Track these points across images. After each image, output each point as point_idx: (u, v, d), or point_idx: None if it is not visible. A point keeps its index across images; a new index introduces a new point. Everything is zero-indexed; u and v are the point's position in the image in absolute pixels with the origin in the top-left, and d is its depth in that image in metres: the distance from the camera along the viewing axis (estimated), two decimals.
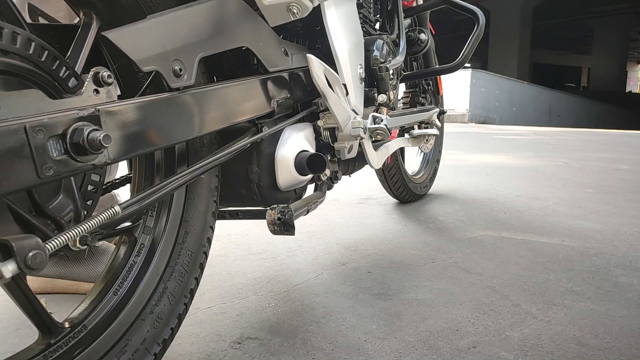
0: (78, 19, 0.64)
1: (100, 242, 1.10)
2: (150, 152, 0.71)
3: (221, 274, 1.24)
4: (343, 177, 1.13)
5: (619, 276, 1.23)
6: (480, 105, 11.09)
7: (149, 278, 0.70)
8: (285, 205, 0.80)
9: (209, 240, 0.80)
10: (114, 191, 1.04)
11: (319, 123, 0.99)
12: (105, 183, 0.82)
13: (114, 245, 1.05)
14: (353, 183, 2.45)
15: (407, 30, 1.57)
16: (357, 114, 1.06)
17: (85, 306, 0.65)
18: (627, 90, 25.96)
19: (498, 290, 1.13)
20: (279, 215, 0.79)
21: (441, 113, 1.85)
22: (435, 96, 1.97)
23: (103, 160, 0.53)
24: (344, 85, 1.01)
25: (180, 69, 0.65)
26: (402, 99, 1.88)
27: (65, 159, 0.49)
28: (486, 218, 1.79)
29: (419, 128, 1.44)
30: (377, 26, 1.40)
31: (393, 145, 1.28)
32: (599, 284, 1.17)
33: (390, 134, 1.09)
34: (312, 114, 0.98)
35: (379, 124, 1.06)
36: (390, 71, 1.19)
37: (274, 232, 0.80)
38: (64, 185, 0.58)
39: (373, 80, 1.16)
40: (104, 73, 0.57)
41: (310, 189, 1.03)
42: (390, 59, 1.22)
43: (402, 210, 1.92)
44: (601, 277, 1.22)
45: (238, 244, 1.49)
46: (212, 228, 0.81)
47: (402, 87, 1.88)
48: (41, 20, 0.82)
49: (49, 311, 0.59)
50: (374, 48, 1.15)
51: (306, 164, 0.88)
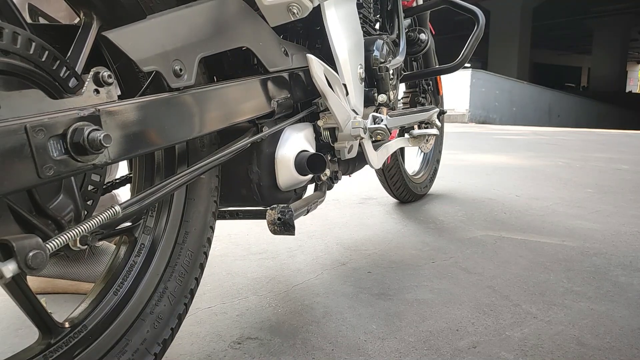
0: (78, 19, 0.64)
1: (101, 242, 1.10)
2: (150, 152, 0.71)
3: (221, 274, 1.24)
4: (343, 177, 1.13)
5: (619, 276, 1.23)
6: (480, 105, 11.09)
7: (149, 278, 0.70)
8: (285, 205, 0.80)
9: (209, 240, 0.80)
10: (114, 191, 1.04)
11: (319, 123, 0.99)
12: (105, 183, 0.82)
13: (114, 245, 1.05)
14: (353, 183, 2.45)
15: (407, 30, 1.57)
16: (357, 114, 1.06)
17: (86, 306, 0.65)
18: (627, 90, 25.96)
19: (498, 290, 1.13)
20: (279, 215, 0.79)
21: (441, 113, 1.85)
22: (435, 96, 1.97)
23: (103, 160, 0.53)
24: (344, 85, 1.01)
25: (181, 69, 0.65)
26: (402, 99, 1.89)
27: (65, 158, 0.49)
28: (486, 218, 1.79)
29: (419, 128, 1.45)
30: (377, 26, 1.40)
31: (393, 145, 1.28)
32: (599, 284, 1.17)
33: (390, 134, 1.09)
34: (312, 114, 0.98)
35: (379, 124, 1.06)
36: (390, 71, 1.19)
37: (274, 232, 0.80)
38: (64, 185, 0.58)
39: (373, 80, 1.16)
40: (104, 73, 0.57)
41: (310, 189, 1.03)
42: (390, 59, 1.22)
43: (402, 210, 1.92)
44: (601, 277, 1.22)
45: (238, 244, 1.49)
46: (212, 228, 0.81)
47: (402, 87, 1.89)
48: (41, 21, 0.82)
49: (49, 311, 0.59)
50: (374, 48, 1.15)
51: (306, 164, 0.88)
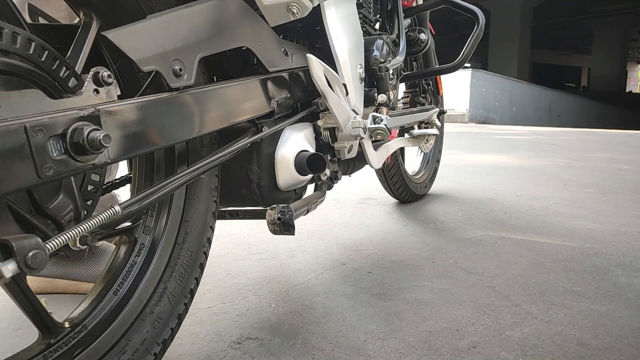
0: (78, 19, 0.64)
1: (100, 242, 1.10)
2: (150, 152, 0.71)
3: (221, 274, 1.24)
4: (343, 177, 1.13)
5: (619, 276, 1.23)
6: (481, 105, 11.09)
7: (149, 278, 0.70)
8: (285, 205, 0.80)
9: (209, 240, 0.80)
10: (114, 191, 1.04)
11: (319, 123, 0.99)
12: (105, 183, 0.82)
13: (114, 245, 1.05)
14: (353, 183, 2.45)
15: (407, 30, 1.57)
16: (357, 113, 1.06)
17: (85, 306, 0.65)
18: (627, 90, 25.95)
19: (498, 290, 1.13)
20: (279, 215, 0.79)
21: (441, 113, 1.85)
22: (435, 96, 1.97)
23: (103, 160, 0.53)
24: (344, 85, 1.01)
25: (180, 69, 0.65)
26: (402, 99, 1.88)
27: (65, 158, 0.49)
28: (486, 218, 1.79)
29: (419, 128, 1.45)
30: (377, 26, 1.40)
31: (393, 145, 1.28)
32: (599, 284, 1.17)
33: (390, 133, 1.09)
34: (312, 114, 0.98)
35: (379, 123, 1.06)
36: (390, 71, 1.19)
37: (274, 232, 0.80)
38: (64, 185, 0.58)
39: (373, 80, 1.16)
40: (104, 73, 0.57)
41: (310, 189, 1.03)
42: (390, 58, 1.22)
43: (402, 210, 1.92)
44: (601, 277, 1.22)
45: (238, 244, 1.49)
46: (212, 228, 0.81)
47: (402, 87, 1.88)
48: (41, 20, 0.82)
49: (49, 311, 0.59)
50: (374, 48, 1.15)
51: (306, 163, 0.88)
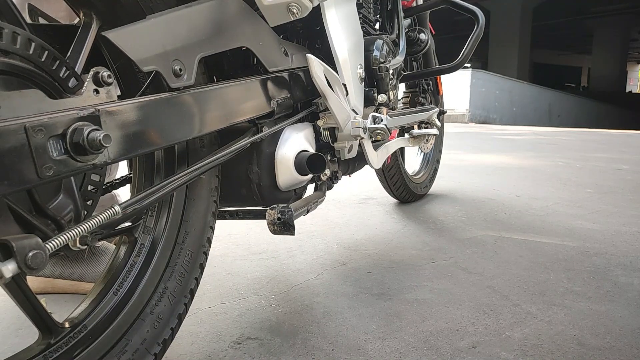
0: (78, 19, 0.64)
1: (100, 242, 1.10)
2: (150, 152, 0.71)
3: (221, 274, 1.24)
4: (343, 177, 1.13)
5: (619, 276, 1.23)
6: (481, 105, 11.09)
7: (149, 278, 0.70)
8: (285, 205, 0.80)
9: (209, 240, 0.80)
10: (114, 191, 1.04)
11: (319, 123, 0.99)
12: (105, 183, 0.82)
13: (114, 245, 1.05)
14: (353, 183, 2.45)
15: (407, 30, 1.57)
16: (357, 114, 1.06)
17: (85, 306, 0.65)
18: (627, 90, 25.96)
19: (498, 290, 1.13)
20: (279, 215, 0.79)
21: (441, 113, 1.85)
22: (435, 96, 1.97)
23: (103, 160, 0.53)
24: (344, 85, 1.01)
25: (180, 69, 0.65)
26: (402, 99, 1.88)
27: (65, 158, 0.49)
28: (486, 218, 1.79)
29: (419, 128, 1.44)
30: (377, 26, 1.40)
31: (393, 145, 1.28)
32: (599, 284, 1.17)
33: (390, 134, 1.09)
34: (312, 114, 0.98)
35: (379, 124, 1.06)
36: (390, 71, 1.19)
37: (274, 232, 0.80)
38: (64, 185, 0.58)
39: (373, 80, 1.16)
40: (104, 73, 0.57)
41: (310, 189, 1.03)
42: (390, 59, 1.22)
43: (402, 210, 1.92)
44: (601, 277, 1.22)
45: (238, 244, 1.49)
46: (212, 228, 0.81)
47: (402, 87, 1.88)
48: (41, 21, 0.82)
49: (49, 311, 0.59)
50: (374, 48, 1.15)
51: (306, 163, 0.88)
